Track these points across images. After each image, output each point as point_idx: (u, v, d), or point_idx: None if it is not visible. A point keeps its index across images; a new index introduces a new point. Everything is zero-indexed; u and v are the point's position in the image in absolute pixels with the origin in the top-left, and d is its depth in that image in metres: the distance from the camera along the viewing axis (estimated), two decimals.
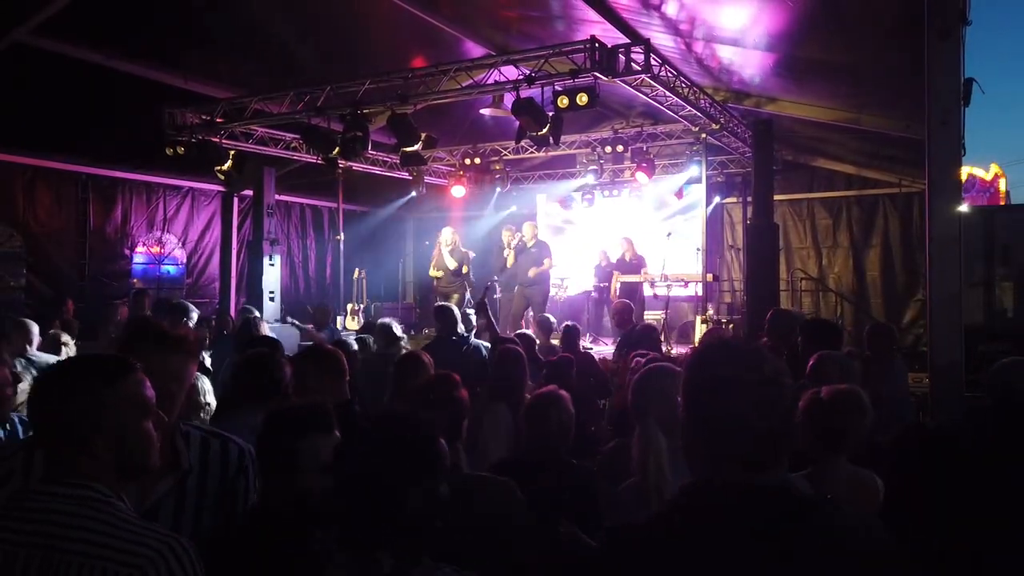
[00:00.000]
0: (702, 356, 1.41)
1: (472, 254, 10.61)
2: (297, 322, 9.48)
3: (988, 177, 17.51)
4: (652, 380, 2.62)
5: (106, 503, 1.44)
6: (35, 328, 4.84)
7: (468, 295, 10.23)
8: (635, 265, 11.29)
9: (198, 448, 1.99)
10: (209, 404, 3.40)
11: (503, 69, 7.73)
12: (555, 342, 7.00)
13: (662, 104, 8.72)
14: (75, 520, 1.40)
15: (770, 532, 1.21)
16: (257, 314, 7.11)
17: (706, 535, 1.24)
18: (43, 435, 1.52)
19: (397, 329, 5.87)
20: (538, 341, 6.44)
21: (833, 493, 2.45)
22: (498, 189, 12.90)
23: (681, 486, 1.33)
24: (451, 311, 5.89)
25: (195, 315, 6.47)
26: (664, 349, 7.71)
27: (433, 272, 10.53)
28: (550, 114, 7.53)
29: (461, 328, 5.98)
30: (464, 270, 10.25)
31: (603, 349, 9.56)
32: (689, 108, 8.83)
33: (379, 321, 6.24)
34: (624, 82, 7.49)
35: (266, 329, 6.36)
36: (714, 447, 1.30)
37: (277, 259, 11.39)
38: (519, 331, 6.88)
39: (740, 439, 1.26)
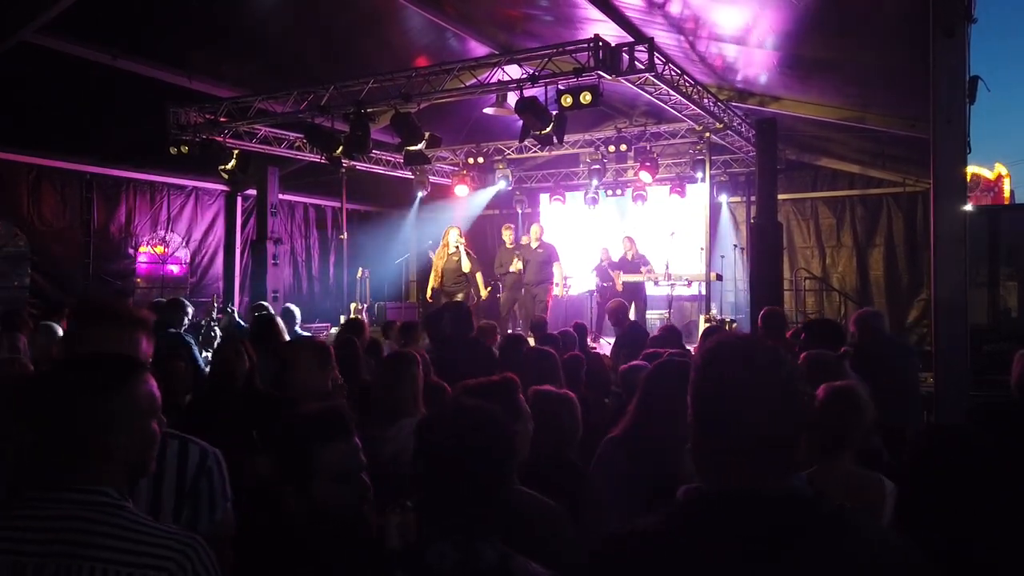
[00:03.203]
0: (712, 356, 1.29)
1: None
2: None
3: (992, 177, 17.47)
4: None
5: (117, 507, 1.41)
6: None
7: (473, 294, 10.29)
8: (636, 265, 11.33)
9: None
10: None
11: (507, 68, 7.73)
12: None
13: (665, 103, 8.71)
14: (92, 526, 1.37)
15: (779, 544, 1.14)
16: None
17: (708, 545, 1.16)
18: (51, 440, 1.45)
19: None
20: (531, 341, 6.38)
21: (833, 496, 2.41)
22: (502, 183, 12.91)
23: (683, 491, 1.26)
24: (467, 310, 5.87)
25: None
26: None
27: (433, 276, 10.57)
28: (554, 113, 7.53)
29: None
30: (472, 271, 10.34)
31: (601, 348, 9.56)
32: (693, 107, 8.82)
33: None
34: (628, 81, 7.48)
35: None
36: (722, 452, 1.22)
37: (280, 258, 11.42)
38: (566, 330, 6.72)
39: (750, 445, 1.19)
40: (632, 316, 10.52)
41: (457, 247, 10.30)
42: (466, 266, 10.21)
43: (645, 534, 1.25)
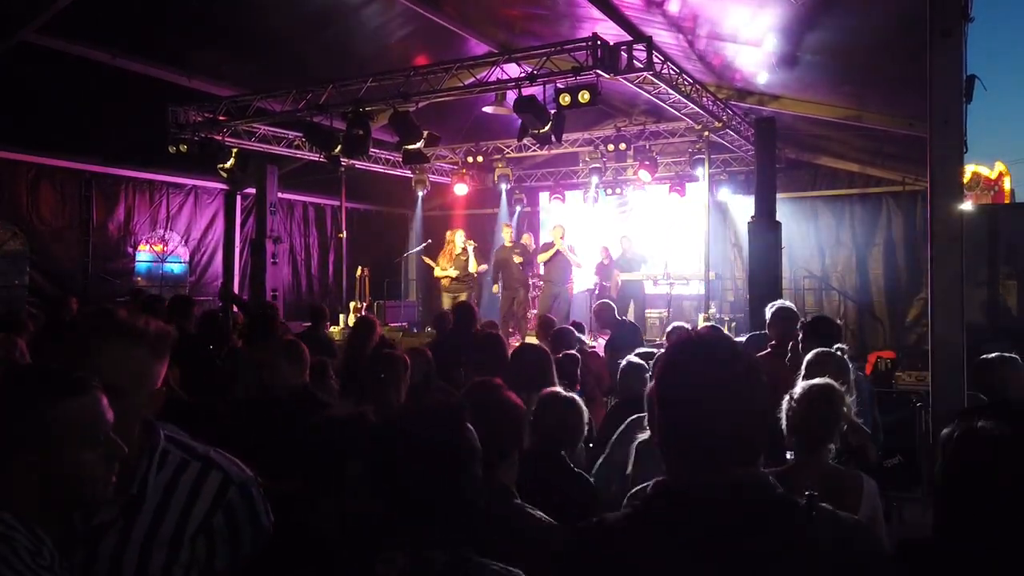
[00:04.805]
0: (673, 355, 1.36)
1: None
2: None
3: (992, 175, 17.44)
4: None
5: (5, 536, 1.26)
6: None
7: (474, 294, 10.42)
8: (631, 265, 11.42)
9: (171, 470, 1.62)
10: None
11: (505, 67, 7.73)
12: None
13: (664, 102, 8.71)
14: None
15: (742, 531, 1.18)
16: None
17: (676, 534, 1.20)
18: None
19: None
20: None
21: (802, 492, 2.40)
22: (504, 187, 12.92)
23: (653, 483, 1.30)
24: (472, 309, 5.97)
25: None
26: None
27: (440, 273, 10.72)
28: (552, 112, 7.53)
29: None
30: (480, 270, 10.63)
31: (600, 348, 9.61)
32: (692, 106, 8.82)
33: None
34: (626, 80, 7.49)
35: None
36: (686, 446, 1.27)
37: (280, 257, 11.43)
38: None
39: (711, 438, 1.24)
40: (631, 315, 10.59)
41: (465, 247, 10.47)
42: (473, 267, 10.37)
43: (612, 526, 1.29)
